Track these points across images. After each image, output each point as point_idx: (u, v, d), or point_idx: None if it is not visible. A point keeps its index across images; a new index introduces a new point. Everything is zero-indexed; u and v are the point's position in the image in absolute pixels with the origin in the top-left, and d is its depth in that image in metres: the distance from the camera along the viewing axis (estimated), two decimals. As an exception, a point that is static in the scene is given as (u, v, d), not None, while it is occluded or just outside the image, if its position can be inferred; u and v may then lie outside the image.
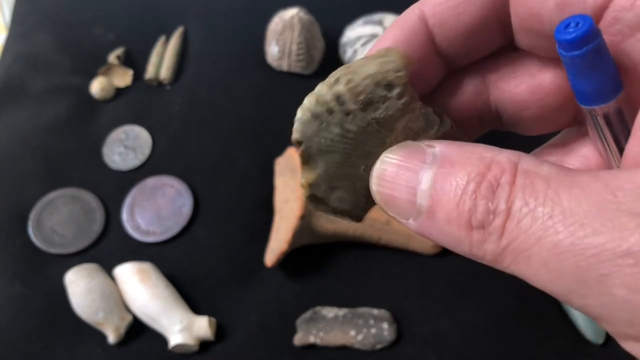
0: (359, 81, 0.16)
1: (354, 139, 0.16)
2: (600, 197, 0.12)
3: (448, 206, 0.14)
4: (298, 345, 0.36)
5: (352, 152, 0.17)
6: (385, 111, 0.16)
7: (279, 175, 0.39)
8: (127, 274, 0.37)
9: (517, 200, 0.13)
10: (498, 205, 0.13)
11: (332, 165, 0.17)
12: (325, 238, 0.37)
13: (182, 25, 0.50)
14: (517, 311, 0.36)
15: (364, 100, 0.16)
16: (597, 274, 0.12)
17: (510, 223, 0.13)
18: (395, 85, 0.16)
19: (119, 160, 0.43)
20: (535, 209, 0.13)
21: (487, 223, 0.13)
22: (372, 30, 0.46)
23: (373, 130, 0.16)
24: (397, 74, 0.16)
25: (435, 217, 0.15)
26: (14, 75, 0.48)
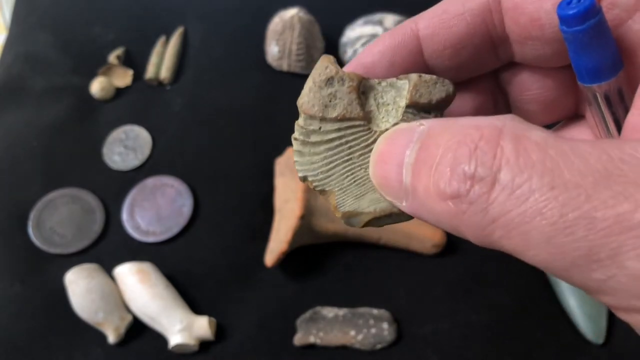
0: (305, 97, 0.17)
1: (341, 144, 0.17)
2: (604, 168, 0.12)
3: (425, 178, 0.14)
4: (298, 345, 0.36)
5: (351, 156, 0.17)
6: (341, 102, 0.17)
7: (279, 175, 0.39)
8: (127, 274, 0.37)
9: (506, 167, 0.12)
10: (477, 169, 0.12)
11: (342, 178, 0.17)
12: (325, 238, 0.37)
13: (182, 25, 0.50)
14: (517, 311, 0.36)
15: (320, 108, 0.17)
16: (609, 247, 0.12)
17: (502, 193, 0.12)
18: (333, 77, 0.17)
19: (119, 160, 0.43)
20: (531, 178, 0.12)
21: (465, 190, 0.13)
22: (372, 30, 0.46)
23: (350, 125, 0.17)
24: (327, 69, 0.17)
25: (417, 194, 0.14)
26: (14, 75, 0.48)
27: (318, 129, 0.17)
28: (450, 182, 0.13)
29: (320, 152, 0.17)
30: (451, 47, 0.17)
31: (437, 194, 0.13)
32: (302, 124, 0.18)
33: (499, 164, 0.12)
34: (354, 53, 0.46)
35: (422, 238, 0.37)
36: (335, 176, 0.18)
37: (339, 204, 0.18)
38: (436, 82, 0.17)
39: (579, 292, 0.35)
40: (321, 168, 0.18)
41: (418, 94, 0.17)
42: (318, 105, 0.17)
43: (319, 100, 0.17)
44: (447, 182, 0.13)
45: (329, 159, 0.17)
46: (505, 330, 0.36)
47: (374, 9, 0.48)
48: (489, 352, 0.35)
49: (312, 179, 0.18)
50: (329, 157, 0.17)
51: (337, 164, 0.17)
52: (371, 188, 0.17)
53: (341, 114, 0.17)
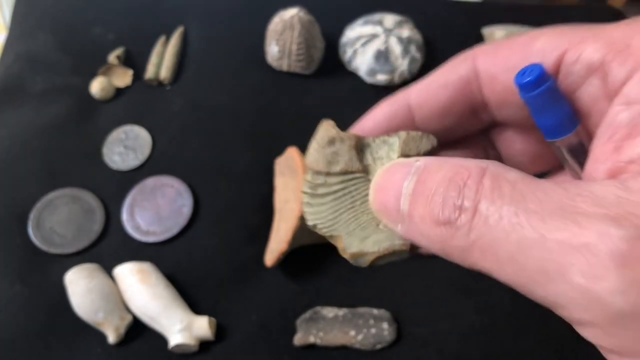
0: (311, 157, 0.20)
1: (345, 194, 0.20)
2: (561, 201, 0.14)
3: (422, 207, 0.16)
4: (298, 345, 0.36)
5: (354, 204, 0.20)
6: (343, 158, 0.20)
7: (279, 175, 0.39)
8: (127, 274, 0.37)
9: (484, 199, 0.15)
10: (464, 202, 0.15)
11: (347, 224, 0.20)
12: (325, 238, 0.37)
13: (182, 25, 0.50)
14: (517, 311, 0.36)
15: (324, 164, 0.20)
16: (558, 264, 0.14)
17: (479, 220, 0.15)
18: (334, 138, 0.20)
19: (119, 160, 0.43)
20: (501, 207, 0.14)
21: (454, 219, 0.15)
22: (372, 30, 0.46)
23: (351, 178, 0.20)
24: (329, 132, 0.20)
25: (413, 219, 0.17)
26: (14, 75, 0.48)
27: (324, 182, 0.20)
28: (443, 211, 0.16)
29: (327, 202, 0.20)
30: (437, 114, 0.20)
31: (431, 221, 0.16)
32: (310, 179, 0.20)
33: (479, 198, 0.15)
34: (353, 53, 0.46)
35: (422, 238, 0.37)
36: (342, 222, 0.20)
37: (346, 247, 0.20)
38: (422, 137, 0.20)
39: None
40: (328, 216, 0.20)
41: (407, 148, 0.19)
42: (323, 162, 0.20)
43: (323, 158, 0.20)
44: (441, 211, 0.16)
45: (335, 207, 0.20)
46: (505, 330, 0.36)
47: (374, 9, 0.48)
48: (489, 352, 0.35)
49: (320, 226, 0.20)
50: (335, 206, 0.20)
51: (342, 212, 0.20)
52: (374, 231, 0.20)
53: (343, 169, 0.20)
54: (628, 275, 0.13)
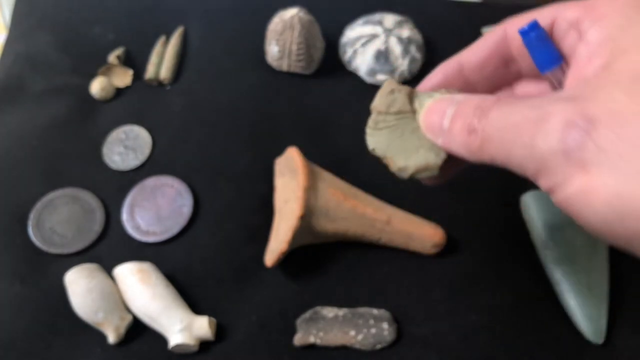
0: (376, 102, 0.29)
1: (397, 126, 0.28)
2: (539, 100, 0.22)
3: (458, 124, 0.25)
4: (298, 345, 0.36)
5: (404, 134, 0.28)
6: (398, 103, 0.28)
7: (279, 175, 0.39)
8: (127, 274, 0.37)
9: (491, 112, 0.23)
10: (482, 116, 0.24)
11: (397, 148, 0.29)
12: (325, 238, 0.37)
13: (182, 25, 0.50)
14: (517, 311, 0.36)
15: (385, 107, 0.28)
16: (525, 136, 0.22)
17: (487, 124, 0.23)
18: (394, 89, 0.28)
19: (119, 160, 0.43)
20: (501, 111, 0.23)
21: (477, 127, 0.24)
22: (372, 30, 0.46)
23: (404, 116, 0.28)
24: (390, 84, 0.29)
25: (451, 132, 0.25)
26: (14, 75, 0.48)
27: (383, 119, 0.29)
28: (471, 123, 0.24)
29: (384, 133, 0.29)
30: (479, 66, 0.29)
31: (463, 131, 0.25)
32: (374, 117, 0.29)
33: (491, 112, 0.23)
34: (354, 53, 0.46)
35: (422, 238, 0.37)
36: (392, 147, 0.29)
37: (395, 163, 0.29)
38: (455, 91, 0.28)
39: (579, 292, 0.35)
40: (384, 142, 0.29)
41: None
42: (384, 105, 0.29)
43: (384, 102, 0.29)
44: (470, 123, 0.24)
45: (389, 137, 0.29)
46: (505, 330, 0.36)
47: (374, 9, 0.48)
48: (489, 352, 0.35)
49: (377, 150, 0.29)
50: (389, 135, 0.29)
51: (394, 140, 0.29)
52: (415, 153, 0.28)
53: (398, 110, 0.28)
54: (572, 132, 0.21)
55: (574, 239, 0.37)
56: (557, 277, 0.36)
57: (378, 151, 0.29)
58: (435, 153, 0.28)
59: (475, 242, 0.39)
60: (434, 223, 0.38)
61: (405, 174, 0.29)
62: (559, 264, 0.36)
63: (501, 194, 0.41)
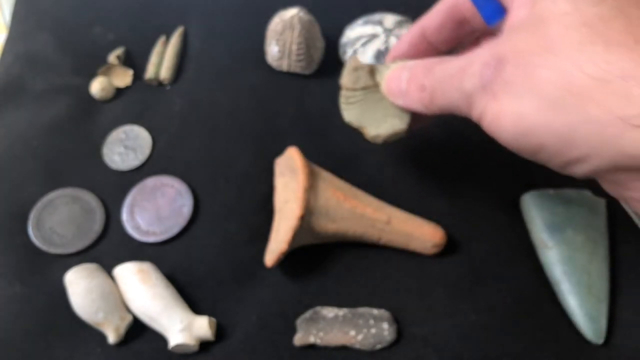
0: (344, 79, 0.35)
1: (366, 100, 0.34)
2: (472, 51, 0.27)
3: (412, 84, 0.31)
4: (298, 345, 0.36)
5: (371, 105, 0.34)
6: (363, 79, 0.34)
7: (279, 175, 0.39)
8: (127, 274, 0.37)
9: (435, 71, 0.30)
10: (428, 74, 0.30)
11: (368, 117, 0.34)
12: (325, 238, 0.37)
13: (182, 25, 0.50)
14: (517, 311, 0.36)
15: (352, 83, 0.34)
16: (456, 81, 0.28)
17: (432, 79, 0.30)
18: (357, 67, 0.34)
19: (119, 160, 0.43)
20: (439, 66, 0.30)
21: (425, 84, 0.30)
22: (372, 30, 0.46)
23: (369, 91, 0.34)
24: (353, 63, 0.34)
25: (408, 93, 0.31)
26: (14, 75, 0.48)
27: (352, 95, 0.34)
28: (421, 82, 0.30)
29: (356, 107, 0.34)
30: (437, 29, 0.34)
31: (416, 89, 0.30)
32: (344, 94, 0.34)
33: (434, 71, 0.30)
34: (353, 53, 0.46)
35: (422, 238, 0.37)
36: (365, 118, 0.34)
37: (368, 132, 0.34)
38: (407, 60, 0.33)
39: (579, 292, 0.35)
40: (357, 115, 0.34)
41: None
42: (351, 82, 0.34)
43: (350, 80, 0.34)
44: (421, 82, 0.30)
45: (360, 109, 0.34)
46: (505, 330, 0.36)
47: (374, 9, 0.48)
48: (489, 352, 0.35)
49: (353, 122, 0.34)
50: (361, 107, 0.34)
51: (364, 111, 0.34)
52: (383, 122, 0.34)
53: (363, 85, 0.34)
54: (486, 71, 0.26)
55: (574, 239, 0.37)
56: (557, 277, 0.36)
57: (354, 123, 0.35)
58: (400, 119, 0.33)
59: (475, 242, 0.39)
60: (434, 223, 0.38)
61: (379, 140, 0.34)
62: (559, 264, 0.36)
63: (501, 194, 0.41)
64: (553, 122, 0.24)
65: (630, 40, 0.22)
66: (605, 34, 0.23)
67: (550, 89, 0.24)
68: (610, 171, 0.25)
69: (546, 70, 0.24)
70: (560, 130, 0.24)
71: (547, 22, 0.24)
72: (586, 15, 0.23)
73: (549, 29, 0.24)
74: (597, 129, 0.22)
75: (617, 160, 0.23)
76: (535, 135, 0.25)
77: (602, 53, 0.22)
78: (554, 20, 0.24)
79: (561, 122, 0.24)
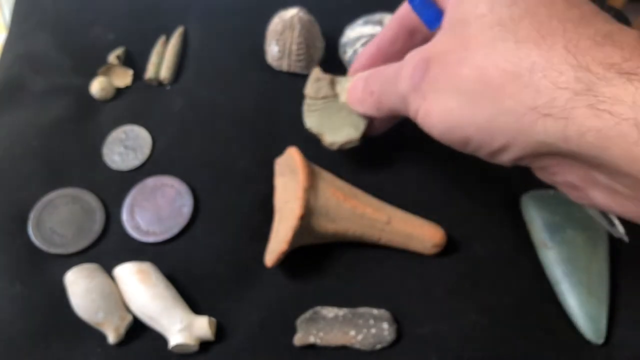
0: (308, 89, 0.38)
1: (326, 108, 0.38)
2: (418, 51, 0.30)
3: (367, 93, 0.34)
4: (298, 345, 0.36)
5: (330, 114, 0.38)
6: (324, 89, 0.37)
7: (279, 176, 0.39)
8: (127, 274, 0.37)
9: (378, 76, 0.34)
10: (374, 83, 0.34)
11: (328, 125, 0.38)
12: (325, 238, 0.37)
13: (182, 25, 0.50)
14: (517, 311, 0.36)
15: (315, 93, 0.38)
16: (392, 84, 0.32)
17: (380, 85, 0.33)
18: (319, 78, 0.38)
19: (119, 160, 0.43)
20: (383, 73, 0.33)
21: (374, 90, 0.34)
22: (372, 30, 0.46)
23: (329, 100, 0.37)
24: (316, 74, 0.38)
25: (365, 101, 0.35)
26: (14, 75, 0.48)
27: (314, 103, 0.38)
28: (374, 89, 0.34)
29: (316, 115, 0.38)
30: (391, 41, 0.36)
31: (369, 96, 0.34)
32: (307, 102, 0.38)
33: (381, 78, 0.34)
34: (353, 53, 0.46)
35: (422, 238, 0.37)
36: (324, 125, 0.38)
37: (326, 138, 0.38)
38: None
39: (579, 292, 0.35)
40: (317, 122, 0.38)
41: None
42: (313, 92, 0.38)
43: (313, 89, 0.38)
44: (371, 89, 0.34)
45: (320, 117, 0.38)
46: (505, 330, 0.36)
47: (374, 9, 0.48)
48: (489, 352, 0.35)
49: (313, 128, 0.38)
50: (320, 116, 0.38)
51: (324, 119, 0.38)
52: (340, 130, 0.37)
53: (324, 95, 0.37)
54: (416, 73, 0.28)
55: (574, 239, 0.37)
56: (557, 277, 0.36)
57: (313, 129, 0.38)
58: (355, 129, 0.37)
59: (475, 242, 0.39)
60: (434, 223, 0.38)
61: (335, 147, 0.38)
62: (559, 264, 0.36)
63: (501, 194, 0.41)
64: (474, 116, 0.26)
65: (538, 36, 0.24)
66: (516, 31, 0.24)
67: (469, 85, 0.25)
68: (532, 158, 0.26)
69: (465, 68, 0.26)
70: (481, 123, 0.26)
71: (467, 23, 0.27)
72: (500, 16, 0.25)
73: (469, 30, 0.26)
74: (513, 119, 0.24)
75: (534, 148, 0.25)
76: (461, 130, 0.27)
77: (513, 49, 0.24)
78: (473, 21, 0.26)
79: (482, 115, 0.25)
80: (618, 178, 0.24)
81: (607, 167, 0.23)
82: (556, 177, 0.28)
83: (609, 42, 0.23)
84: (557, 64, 0.23)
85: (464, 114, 0.26)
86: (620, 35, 0.23)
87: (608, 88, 0.21)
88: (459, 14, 0.27)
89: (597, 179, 0.25)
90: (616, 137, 0.21)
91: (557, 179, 0.28)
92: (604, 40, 0.23)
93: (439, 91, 0.27)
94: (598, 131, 0.22)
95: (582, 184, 0.26)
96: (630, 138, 0.21)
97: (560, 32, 0.24)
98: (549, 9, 0.25)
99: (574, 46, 0.23)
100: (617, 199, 0.25)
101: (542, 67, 0.23)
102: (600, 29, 0.23)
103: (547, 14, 0.25)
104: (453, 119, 0.27)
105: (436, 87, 0.27)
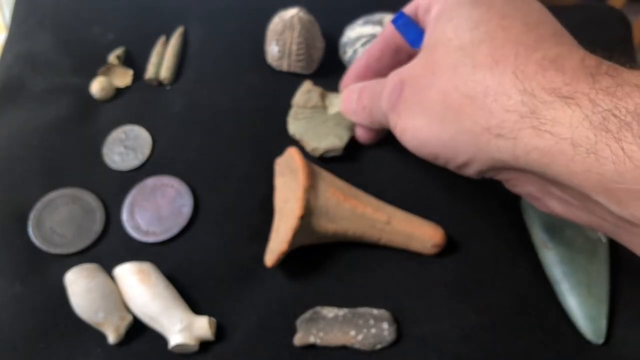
0: (297, 98, 0.42)
1: (312, 118, 0.40)
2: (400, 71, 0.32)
3: (360, 104, 0.36)
4: (298, 345, 0.36)
5: (317, 123, 0.40)
6: (313, 99, 0.41)
7: (279, 176, 0.39)
8: (127, 274, 0.37)
9: (368, 91, 0.36)
10: (365, 97, 0.36)
11: (312, 133, 0.40)
12: (325, 238, 0.37)
13: (182, 25, 0.50)
14: (517, 311, 0.36)
15: (303, 102, 0.41)
16: (376, 98, 0.34)
17: (373, 101, 0.35)
18: (310, 90, 0.41)
19: (119, 160, 0.43)
20: (376, 87, 0.35)
21: (368, 105, 0.36)
22: (372, 30, 0.46)
23: (317, 110, 0.41)
24: (307, 86, 0.41)
25: (358, 112, 0.37)
26: (14, 75, 0.48)
27: (302, 112, 0.41)
28: (367, 103, 0.36)
29: (302, 123, 0.41)
30: (378, 58, 0.38)
31: (362, 109, 0.36)
32: (294, 110, 0.41)
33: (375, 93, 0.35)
34: (354, 53, 0.46)
35: (422, 238, 0.37)
36: (308, 133, 0.40)
37: (309, 145, 0.40)
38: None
39: (579, 292, 0.35)
40: (302, 130, 0.40)
41: None
42: (302, 101, 0.41)
43: (303, 99, 0.41)
44: (365, 103, 0.36)
45: (306, 125, 0.40)
46: (505, 331, 0.36)
47: (374, 9, 0.48)
48: (489, 352, 0.35)
49: (297, 135, 0.40)
50: (306, 125, 0.40)
51: (309, 128, 0.40)
52: (324, 139, 0.40)
53: (313, 105, 0.41)
54: (393, 93, 0.32)
55: (574, 239, 0.37)
56: (557, 277, 0.36)
57: (297, 135, 0.40)
58: (339, 139, 0.39)
59: (475, 242, 0.39)
60: (434, 223, 0.38)
61: (317, 152, 0.40)
62: (559, 264, 0.36)
63: (501, 194, 0.41)
64: (440, 134, 0.28)
65: (492, 62, 0.26)
66: (474, 56, 0.27)
67: (436, 107, 0.28)
68: (494, 172, 0.29)
69: (432, 91, 0.28)
70: (446, 141, 0.28)
71: (436, 47, 0.29)
72: (462, 40, 0.27)
73: (436, 54, 0.29)
74: (472, 138, 0.27)
75: (491, 164, 0.27)
76: (429, 146, 0.30)
77: (469, 74, 0.26)
78: (441, 45, 0.28)
79: (446, 134, 0.28)
80: (566, 190, 0.26)
81: (554, 181, 0.25)
82: (517, 189, 0.30)
83: (553, 67, 0.24)
84: (507, 88, 0.25)
85: (432, 132, 0.29)
86: (565, 59, 0.25)
87: (549, 111, 0.23)
88: (432, 39, 0.30)
89: (551, 191, 0.28)
90: (556, 155, 0.23)
91: (519, 190, 0.30)
92: (550, 65, 0.24)
93: (411, 111, 0.30)
94: (541, 149, 0.24)
95: (540, 195, 0.29)
96: (568, 155, 0.23)
97: (512, 58, 0.25)
98: (506, 32, 0.26)
99: (521, 72, 0.25)
100: (570, 208, 0.28)
101: (494, 92, 0.25)
102: (548, 53, 0.25)
103: (504, 37, 0.26)
104: (423, 136, 0.30)
105: (409, 107, 0.30)
